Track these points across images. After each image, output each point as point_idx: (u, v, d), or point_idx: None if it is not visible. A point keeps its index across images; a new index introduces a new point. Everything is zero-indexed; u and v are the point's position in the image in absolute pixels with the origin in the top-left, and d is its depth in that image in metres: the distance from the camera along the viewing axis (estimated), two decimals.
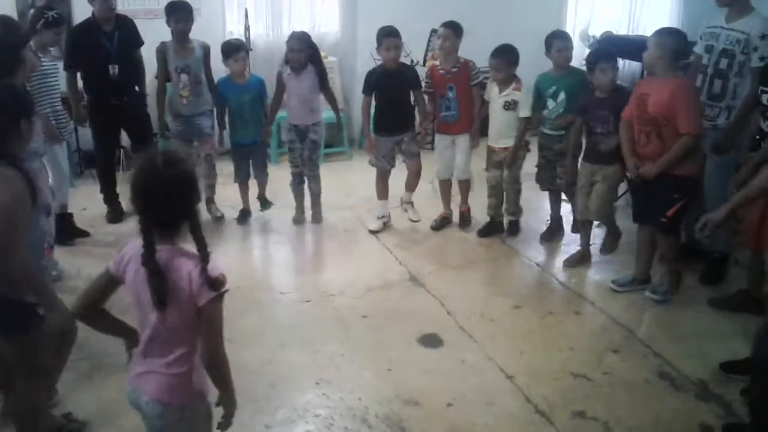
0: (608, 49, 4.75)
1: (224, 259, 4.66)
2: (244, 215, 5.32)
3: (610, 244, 4.62)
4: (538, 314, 3.99)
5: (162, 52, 4.92)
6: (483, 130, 5.05)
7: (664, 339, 3.72)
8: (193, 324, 1.93)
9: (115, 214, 5.22)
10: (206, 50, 5.03)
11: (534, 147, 4.92)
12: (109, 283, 2.03)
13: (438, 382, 3.33)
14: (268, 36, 6.85)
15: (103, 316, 2.10)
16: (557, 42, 4.58)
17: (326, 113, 5.27)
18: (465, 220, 5.24)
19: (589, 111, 4.31)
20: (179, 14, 4.81)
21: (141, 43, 5.17)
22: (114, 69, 4.90)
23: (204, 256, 1.89)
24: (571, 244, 4.84)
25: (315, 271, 4.70)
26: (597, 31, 8.26)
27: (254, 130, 5.06)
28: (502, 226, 5.08)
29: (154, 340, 1.98)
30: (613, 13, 8.61)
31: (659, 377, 3.40)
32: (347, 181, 6.22)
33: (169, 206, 1.86)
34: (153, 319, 1.94)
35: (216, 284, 1.88)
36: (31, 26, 4.50)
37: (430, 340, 3.69)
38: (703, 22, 4.36)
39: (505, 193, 4.95)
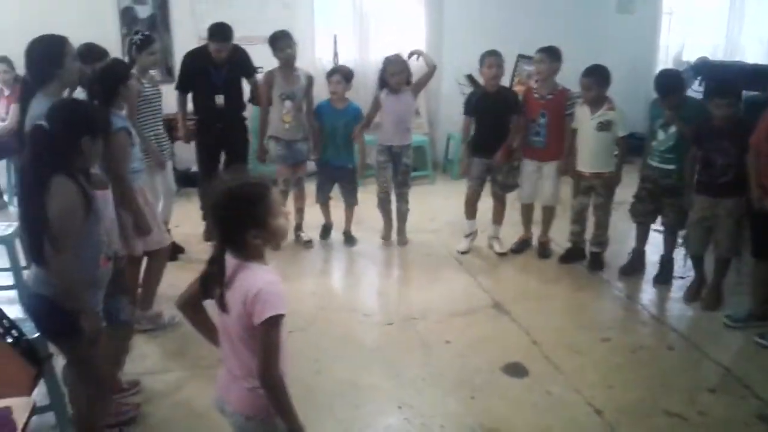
0: (726, 83, 4.46)
1: (309, 280, 4.74)
2: (327, 230, 5.42)
3: (699, 291, 4.40)
4: (629, 348, 3.85)
5: (269, 78, 5.07)
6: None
7: (765, 380, 3.50)
8: (252, 339, 1.95)
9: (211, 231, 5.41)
10: (310, 80, 5.15)
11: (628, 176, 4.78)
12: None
13: (523, 413, 3.24)
14: (355, 61, 6.98)
15: (198, 311, 2.16)
16: (666, 94, 4.34)
17: (413, 137, 5.30)
18: (545, 251, 5.15)
19: (705, 141, 4.08)
20: (282, 42, 4.94)
21: (253, 72, 5.35)
22: (220, 99, 5.13)
23: (218, 274, 1.94)
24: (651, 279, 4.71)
25: (398, 294, 4.71)
26: (691, 56, 8.03)
27: (345, 154, 5.16)
28: (583, 253, 4.98)
29: (227, 349, 2.04)
30: (708, 38, 8.36)
31: (759, 420, 3.20)
32: (431, 205, 6.22)
33: (225, 223, 1.93)
34: (224, 324, 2.01)
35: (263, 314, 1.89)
36: (129, 55, 4.73)
37: (515, 370, 3.61)
38: None
39: (595, 220, 4.81)
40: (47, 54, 3.07)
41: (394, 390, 3.43)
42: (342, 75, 5.05)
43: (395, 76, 4.90)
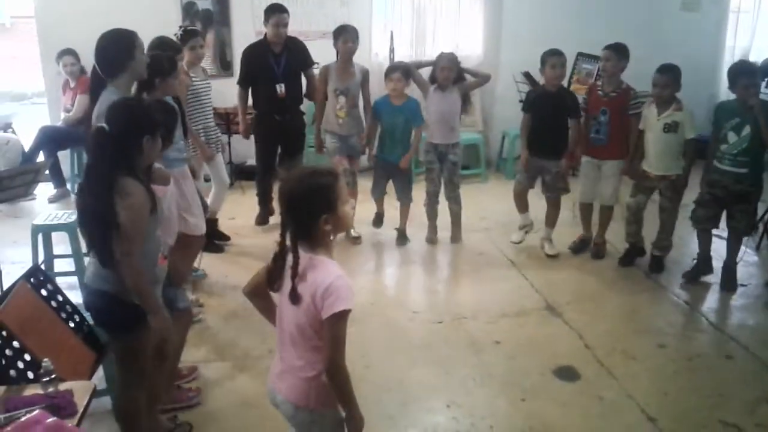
0: None
1: (359, 276, 4.76)
2: (380, 218, 5.44)
3: None
4: (685, 355, 3.75)
5: (324, 73, 5.12)
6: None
7: None
8: (320, 332, 1.99)
9: (264, 218, 5.61)
10: (365, 75, 5.18)
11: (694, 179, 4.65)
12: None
13: (574, 418, 3.19)
14: (412, 57, 6.95)
15: (263, 297, 2.20)
16: (743, 79, 4.19)
17: (465, 135, 5.28)
18: (599, 252, 5.07)
19: None
20: (347, 35, 4.99)
21: (311, 63, 5.40)
22: (281, 88, 5.19)
23: (293, 266, 1.98)
24: (716, 284, 4.58)
25: (448, 292, 4.69)
26: (759, 57, 7.74)
27: (402, 150, 5.15)
28: (643, 252, 4.88)
29: (286, 340, 2.08)
30: None
31: None
32: (482, 204, 6.17)
33: (297, 213, 2.00)
34: (286, 315, 2.06)
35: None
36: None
37: (567, 373, 3.55)
38: None
39: (660, 223, 4.71)
40: (119, 47, 3.12)
41: (442, 388, 3.42)
42: (402, 72, 5.03)
43: (444, 70, 4.91)
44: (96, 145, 2.43)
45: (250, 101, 5.45)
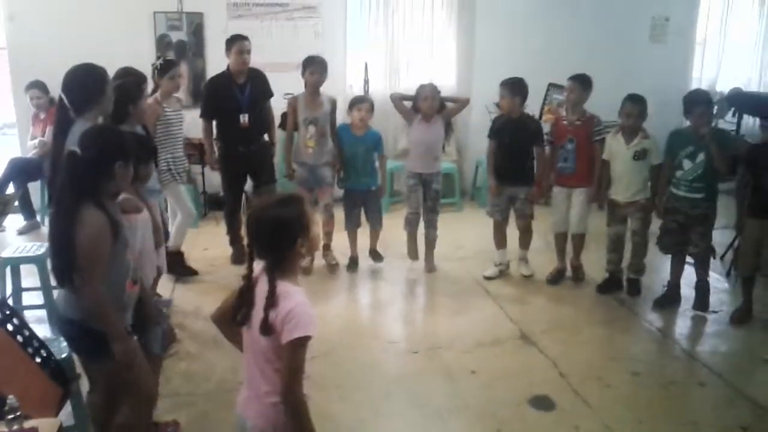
0: None
1: (334, 304, 4.73)
2: (354, 262, 5.40)
3: (745, 314, 4.44)
4: (659, 383, 3.76)
5: (293, 104, 5.14)
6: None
7: None
8: (281, 357, 1.99)
9: (239, 255, 5.36)
10: (333, 104, 5.21)
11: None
12: None
13: None
14: (386, 89, 7.01)
15: (230, 324, 2.18)
16: (697, 108, 4.33)
17: (442, 164, 5.31)
18: (577, 275, 5.15)
19: (759, 164, 4.15)
20: (315, 66, 5.02)
21: (271, 94, 5.42)
22: (244, 118, 5.16)
23: (268, 299, 1.98)
24: (688, 311, 4.64)
25: (423, 322, 4.67)
26: (724, 88, 7.95)
27: (367, 178, 5.20)
28: (621, 283, 4.93)
29: (252, 365, 2.09)
30: (741, 69, 8.27)
31: None
32: (458, 233, 6.19)
33: (262, 242, 2.03)
34: (252, 341, 2.07)
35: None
36: (152, 79, 4.81)
37: (542, 403, 3.54)
38: None
39: (632, 247, 4.79)
40: (90, 82, 3.15)
41: (417, 420, 3.39)
42: (370, 104, 5.13)
43: (426, 100, 4.97)
44: (66, 169, 2.43)
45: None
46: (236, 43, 5.08)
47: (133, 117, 3.75)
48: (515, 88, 4.90)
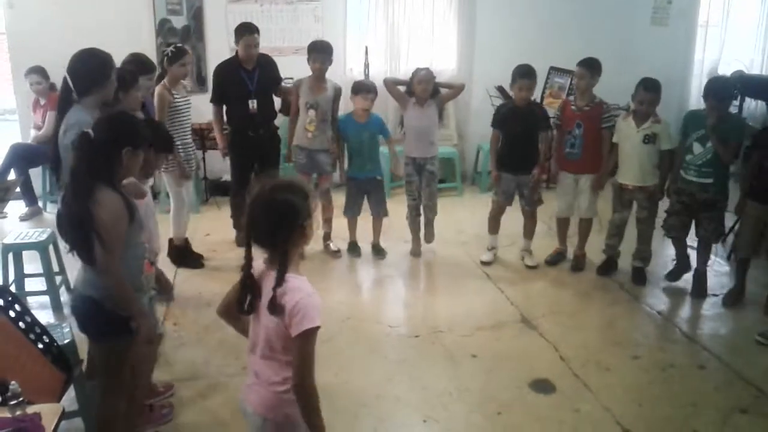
0: None
1: (336, 290, 4.75)
2: (354, 247, 5.40)
3: (737, 296, 4.46)
4: (659, 366, 3.78)
5: (297, 86, 5.13)
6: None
7: None
8: (288, 349, 2.01)
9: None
10: (338, 92, 5.18)
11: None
12: None
13: (550, 431, 3.20)
14: (386, 73, 6.97)
15: (236, 317, 2.21)
16: (711, 99, 4.30)
17: (440, 148, 5.31)
18: (579, 264, 5.10)
19: (764, 148, 4.13)
20: (317, 54, 4.98)
21: (280, 80, 5.42)
22: (253, 104, 5.19)
23: (278, 282, 1.97)
24: (688, 294, 4.66)
25: (424, 306, 4.68)
26: (727, 70, 7.89)
27: (372, 166, 5.18)
28: (617, 266, 4.98)
29: (258, 353, 2.10)
30: (744, 52, 8.21)
31: None
32: (458, 218, 6.19)
33: (265, 228, 2.02)
34: (258, 330, 2.08)
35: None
36: (161, 66, 4.85)
37: (543, 386, 3.56)
38: None
39: (638, 234, 4.78)
40: (95, 66, 3.17)
41: (419, 403, 3.41)
42: (374, 92, 5.08)
43: (421, 84, 4.95)
44: (78, 150, 2.47)
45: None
46: (244, 37, 5.09)
47: (123, 104, 3.72)
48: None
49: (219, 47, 6.57)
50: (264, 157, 5.38)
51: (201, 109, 5.84)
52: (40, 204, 6.50)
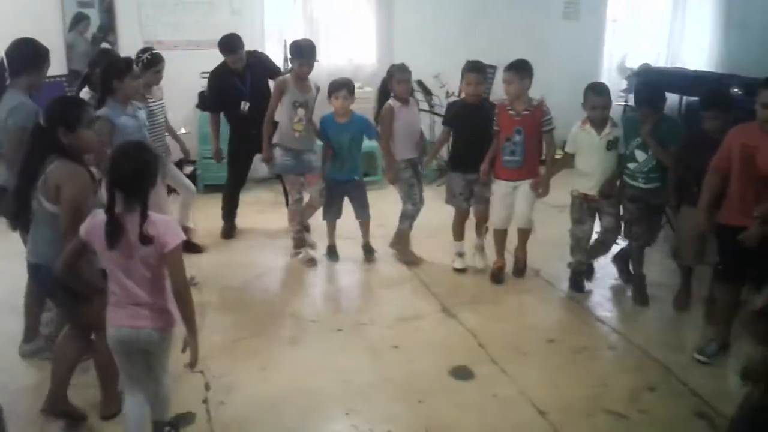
0: (713, 95, 4.17)
1: (256, 285, 4.73)
2: (332, 251, 5.25)
3: (688, 300, 4.40)
4: (572, 349, 3.93)
5: (280, 86, 4.93)
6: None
7: (702, 377, 3.61)
8: (163, 268, 2.54)
9: (229, 232, 5.74)
10: (318, 90, 5.08)
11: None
12: (83, 246, 2.60)
13: (469, 416, 3.28)
14: None
15: (78, 272, 2.72)
16: (645, 107, 4.22)
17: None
18: (520, 269, 4.88)
19: (700, 153, 3.87)
20: (302, 59, 4.83)
21: (276, 71, 5.39)
22: (244, 105, 5.27)
23: (143, 219, 2.46)
24: (601, 280, 4.81)
25: (347, 299, 4.72)
26: (634, 63, 8.24)
27: (351, 168, 5.01)
28: (592, 267, 4.85)
29: (132, 284, 2.55)
30: (651, 45, 8.59)
31: (697, 417, 3.30)
32: (380, 211, 6.17)
33: (131, 180, 2.50)
34: (129, 265, 2.53)
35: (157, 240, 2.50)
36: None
37: (462, 373, 3.65)
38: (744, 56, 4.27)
39: (600, 242, 4.58)
40: (27, 53, 3.61)
41: (342, 396, 3.43)
42: (348, 90, 4.85)
43: (402, 83, 4.82)
44: (31, 135, 2.98)
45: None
46: (229, 55, 5.22)
47: (120, 93, 4.00)
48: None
49: (132, 42, 6.36)
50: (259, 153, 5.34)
51: None
52: None
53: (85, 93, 4.48)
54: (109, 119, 3.91)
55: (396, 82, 4.83)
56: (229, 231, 5.72)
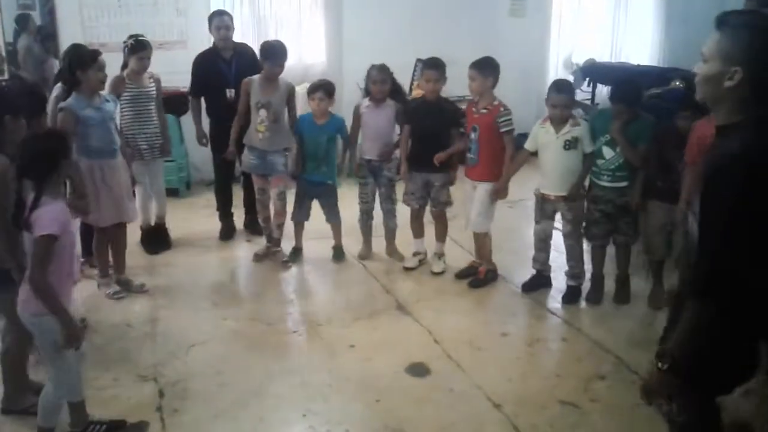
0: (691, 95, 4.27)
1: (208, 291, 4.70)
2: (297, 253, 5.21)
3: (661, 297, 4.29)
4: (526, 341, 4.00)
5: (247, 86, 4.87)
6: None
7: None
8: None
9: (228, 232, 5.62)
10: (291, 91, 4.97)
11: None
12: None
13: (426, 412, 3.31)
14: None
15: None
16: (619, 104, 4.13)
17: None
18: (487, 277, 4.76)
19: (670, 148, 3.93)
20: (274, 60, 4.77)
21: (260, 68, 5.22)
22: (230, 93, 5.14)
23: (34, 205, 2.61)
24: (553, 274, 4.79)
25: (302, 301, 4.69)
26: (580, 59, 8.41)
27: (326, 170, 4.97)
28: (549, 281, 4.69)
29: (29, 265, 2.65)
30: (595, 41, 8.79)
31: (646, 404, 3.38)
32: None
33: (30, 165, 2.64)
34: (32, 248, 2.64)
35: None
36: (124, 57, 4.89)
37: (418, 370, 3.67)
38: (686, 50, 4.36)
39: (567, 251, 4.50)
40: None
41: (298, 398, 3.42)
42: (325, 91, 4.82)
43: (377, 84, 4.78)
44: None
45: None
46: (215, 18, 5.17)
47: (84, 85, 4.07)
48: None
49: (71, 25, 6.21)
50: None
51: None
52: None
53: (57, 87, 4.42)
54: (73, 111, 4.04)
55: (371, 82, 4.81)
56: (228, 232, 5.61)
